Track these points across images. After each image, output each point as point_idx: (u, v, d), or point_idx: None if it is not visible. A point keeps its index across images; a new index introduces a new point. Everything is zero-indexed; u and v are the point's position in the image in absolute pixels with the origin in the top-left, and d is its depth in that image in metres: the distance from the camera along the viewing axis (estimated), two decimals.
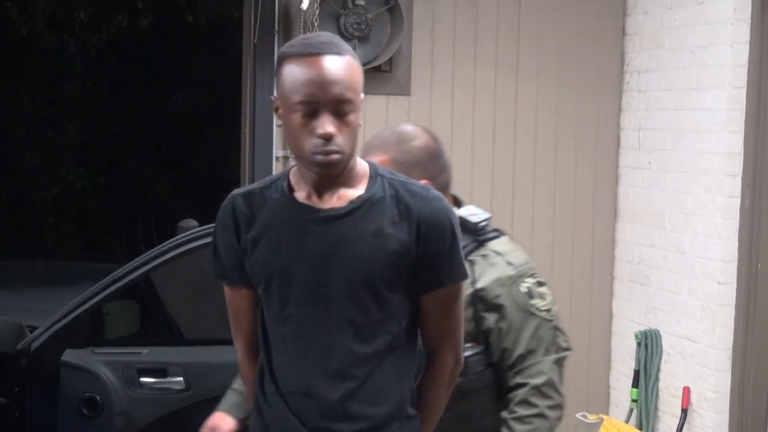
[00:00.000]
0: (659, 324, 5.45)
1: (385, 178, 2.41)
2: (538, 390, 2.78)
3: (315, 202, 2.39)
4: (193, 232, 4.17)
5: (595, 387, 5.89)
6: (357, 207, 2.37)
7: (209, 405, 3.87)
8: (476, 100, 5.66)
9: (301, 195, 2.40)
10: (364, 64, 5.30)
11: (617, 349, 5.85)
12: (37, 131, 13.70)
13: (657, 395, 5.44)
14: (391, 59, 5.48)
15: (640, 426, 5.43)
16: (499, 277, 2.83)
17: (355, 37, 5.35)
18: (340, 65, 2.30)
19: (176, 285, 4.42)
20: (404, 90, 5.55)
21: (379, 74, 5.53)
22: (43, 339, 4.03)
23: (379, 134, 2.95)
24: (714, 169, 5.05)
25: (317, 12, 5.22)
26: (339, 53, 2.31)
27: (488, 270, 2.83)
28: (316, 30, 5.19)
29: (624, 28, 5.77)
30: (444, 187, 2.90)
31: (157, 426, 4.04)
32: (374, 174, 2.41)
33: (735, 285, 5.02)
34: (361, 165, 2.42)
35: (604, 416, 5.45)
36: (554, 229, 5.80)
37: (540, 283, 2.93)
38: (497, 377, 2.78)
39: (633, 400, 5.50)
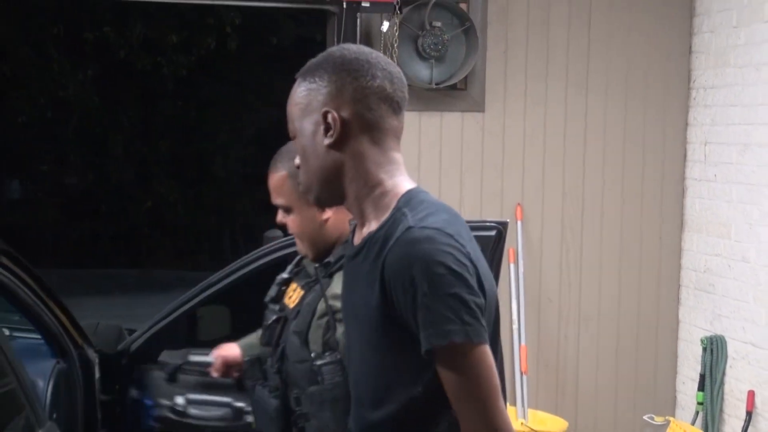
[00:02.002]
0: (725, 330, 5.40)
1: (400, 212, 1.93)
2: None
3: (356, 237, 2.05)
4: (279, 242, 4.21)
5: (662, 390, 5.85)
6: (362, 247, 1.98)
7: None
8: (548, 116, 5.66)
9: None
10: (439, 83, 5.39)
11: (683, 354, 5.80)
12: (132, 147, 13.94)
13: (722, 398, 5.39)
14: (466, 77, 5.51)
15: (705, 428, 5.38)
16: None
17: (432, 57, 5.39)
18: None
19: (265, 290, 4.47)
20: (479, 107, 5.58)
21: (455, 92, 5.56)
22: (142, 340, 4.07)
23: (282, 150, 2.87)
24: None
25: (397, 34, 5.27)
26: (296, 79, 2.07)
27: (337, 280, 2.67)
28: (395, 51, 5.25)
29: (690, 47, 5.73)
30: None
31: None
32: (397, 205, 1.96)
33: None
34: (393, 193, 1.99)
35: (671, 418, 5.41)
36: (622, 240, 5.78)
37: None
38: None
39: (699, 403, 5.46)
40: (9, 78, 12.52)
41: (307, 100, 2.01)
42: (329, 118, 1.97)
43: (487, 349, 1.85)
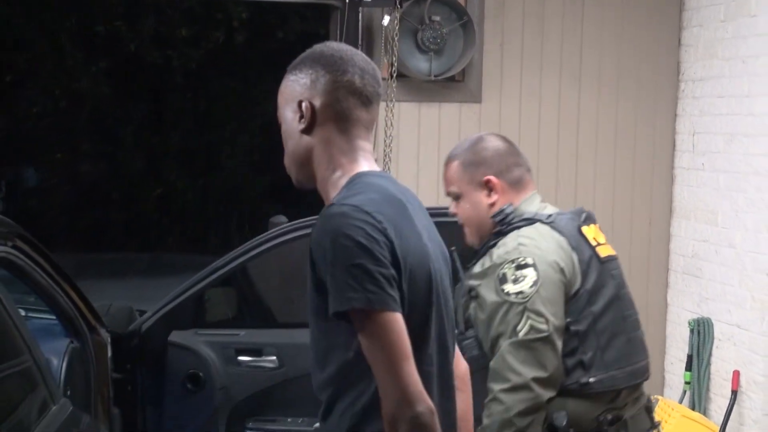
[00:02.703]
0: (711, 313, 5.42)
1: (341, 191, 2.08)
2: (494, 372, 2.65)
3: None
4: (283, 227, 4.24)
5: (650, 370, 5.86)
6: (314, 224, 2.07)
7: (300, 382, 3.97)
8: (542, 107, 5.68)
9: None
10: (438, 75, 5.40)
11: (672, 335, 5.83)
12: (143, 137, 13.92)
13: (709, 378, 5.41)
14: (463, 70, 5.53)
15: (692, 406, 5.41)
16: (479, 270, 2.82)
17: (432, 50, 5.41)
18: None
19: (269, 274, 4.49)
20: (476, 98, 5.59)
21: (453, 84, 5.58)
22: (152, 321, 4.11)
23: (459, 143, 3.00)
24: (765, 170, 5.01)
25: (397, 28, 5.28)
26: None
27: (478, 263, 2.84)
28: (396, 45, 5.26)
29: (680, 40, 5.74)
30: (515, 182, 2.95)
31: (252, 400, 4.10)
32: (343, 186, 2.09)
33: None
34: (348, 177, 2.10)
35: (659, 397, 5.43)
36: (613, 226, 5.78)
37: (520, 266, 2.73)
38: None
39: (686, 383, 5.48)
40: (25, 70, 12.53)
41: (289, 90, 2.16)
42: (303, 106, 2.12)
43: (394, 316, 1.93)
